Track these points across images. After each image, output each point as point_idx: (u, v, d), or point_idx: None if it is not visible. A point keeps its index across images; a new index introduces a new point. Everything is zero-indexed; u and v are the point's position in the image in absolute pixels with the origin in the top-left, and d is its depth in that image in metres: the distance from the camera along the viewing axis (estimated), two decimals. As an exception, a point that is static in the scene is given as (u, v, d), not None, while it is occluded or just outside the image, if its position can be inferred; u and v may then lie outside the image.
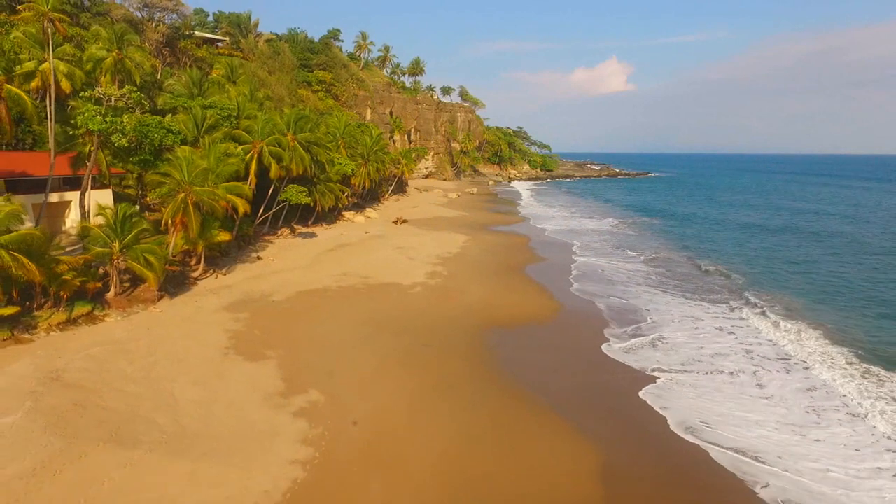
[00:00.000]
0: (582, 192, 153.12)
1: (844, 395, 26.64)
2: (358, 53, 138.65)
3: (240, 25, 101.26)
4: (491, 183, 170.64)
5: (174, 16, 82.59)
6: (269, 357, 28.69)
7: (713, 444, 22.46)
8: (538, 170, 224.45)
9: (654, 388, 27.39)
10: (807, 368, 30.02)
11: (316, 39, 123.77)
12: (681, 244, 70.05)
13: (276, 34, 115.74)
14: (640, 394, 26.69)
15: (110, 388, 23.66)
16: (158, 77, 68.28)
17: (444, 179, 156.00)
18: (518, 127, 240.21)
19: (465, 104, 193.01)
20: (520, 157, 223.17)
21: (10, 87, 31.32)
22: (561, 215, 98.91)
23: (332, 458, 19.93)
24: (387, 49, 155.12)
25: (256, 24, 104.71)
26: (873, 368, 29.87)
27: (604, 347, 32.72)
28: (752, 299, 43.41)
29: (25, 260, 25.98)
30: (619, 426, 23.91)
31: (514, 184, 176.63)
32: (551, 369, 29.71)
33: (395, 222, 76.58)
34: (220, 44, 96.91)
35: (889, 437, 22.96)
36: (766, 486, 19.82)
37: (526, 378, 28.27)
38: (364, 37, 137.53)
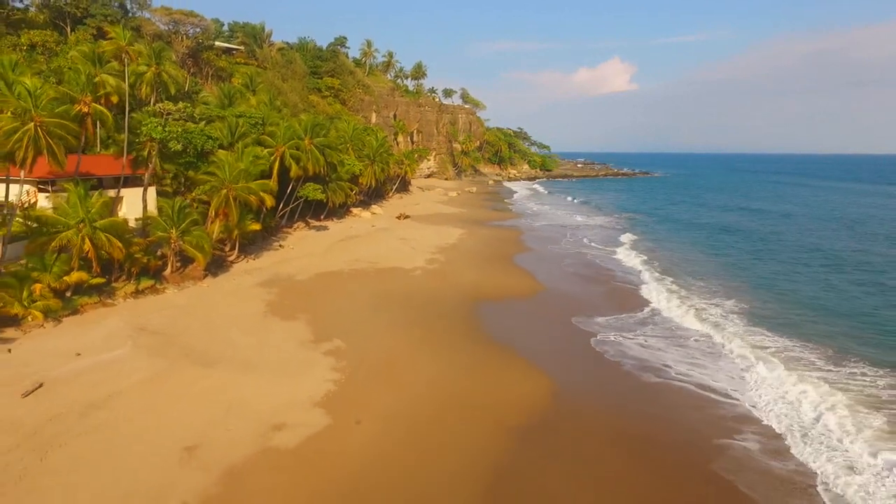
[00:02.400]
0: (577, 192, 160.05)
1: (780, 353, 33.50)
2: (363, 60, 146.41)
3: (255, 36, 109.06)
4: (491, 182, 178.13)
5: (197, 29, 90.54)
6: (299, 318, 36.33)
7: (656, 376, 29.92)
8: (537, 170, 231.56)
9: (608, 342, 34.90)
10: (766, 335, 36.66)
11: (324, 46, 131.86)
12: (660, 240, 77.34)
13: (287, 43, 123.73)
14: (593, 341, 34.32)
15: (185, 335, 31.39)
16: (186, 87, 76.09)
17: (446, 179, 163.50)
18: (518, 128, 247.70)
19: (466, 106, 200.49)
20: (519, 158, 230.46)
21: (95, 105, 38.97)
22: (554, 213, 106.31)
23: (354, 378, 27.56)
24: (390, 55, 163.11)
25: (270, 35, 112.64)
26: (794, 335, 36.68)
27: (573, 318, 39.99)
28: (721, 287, 49.19)
29: (115, 241, 33.69)
30: (574, 366, 31.49)
31: (514, 183, 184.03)
32: (524, 329, 37.40)
33: (399, 218, 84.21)
34: (234, 52, 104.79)
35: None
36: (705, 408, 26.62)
37: (503, 334, 35.85)
38: (369, 44, 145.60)
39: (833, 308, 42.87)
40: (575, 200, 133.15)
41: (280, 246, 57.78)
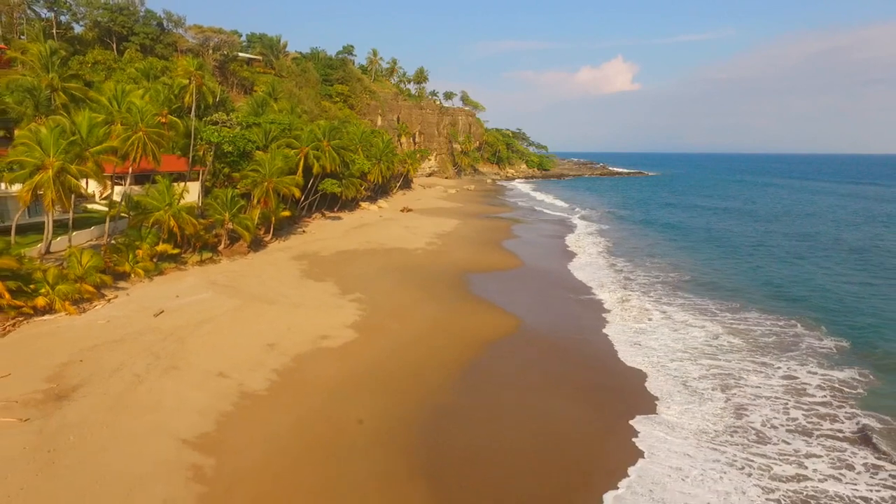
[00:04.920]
0: (569, 190, 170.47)
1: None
2: (370, 67, 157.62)
3: (271, 47, 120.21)
4: (489, 181, 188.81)
5: (223, 43, 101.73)
6: (328, 280, 47.29)
7: (582, 315, 40.78)
8: (535, 169, 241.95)
9: (561, 297, 45.77)
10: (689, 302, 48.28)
11: (332, 55, 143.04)
12: (626, 230, 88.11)
13: (300, 52, 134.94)
14: (548, 296, 45.21)
15: (246, 287, 42.41)
16: (218, 97, 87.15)
17: (446, 178, 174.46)
18: (517, 128, 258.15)
19: (466, 108, 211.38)
20: (517, 157, 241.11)
21: (171, 116, 49.97)
22: (543, 208, 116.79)
23: (373, 315, 38.50)
24: (394, 62, 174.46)
25: (285, 46, 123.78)
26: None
27: (541, 283, 51.02)
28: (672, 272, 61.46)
29: (192, 220, 44.72)
30: (534, 311, 42.30)
31: (510, 182, 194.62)
32: (504, 291, 48.15)
33: (402, 211, 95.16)
34: (253, 62, 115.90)
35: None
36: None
37: (487, 294, 46.61)
38: (375, 52, 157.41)
39: (748, 284, 52.87)
40: (564, 198, 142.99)
41: (303, 231, 68.80)
